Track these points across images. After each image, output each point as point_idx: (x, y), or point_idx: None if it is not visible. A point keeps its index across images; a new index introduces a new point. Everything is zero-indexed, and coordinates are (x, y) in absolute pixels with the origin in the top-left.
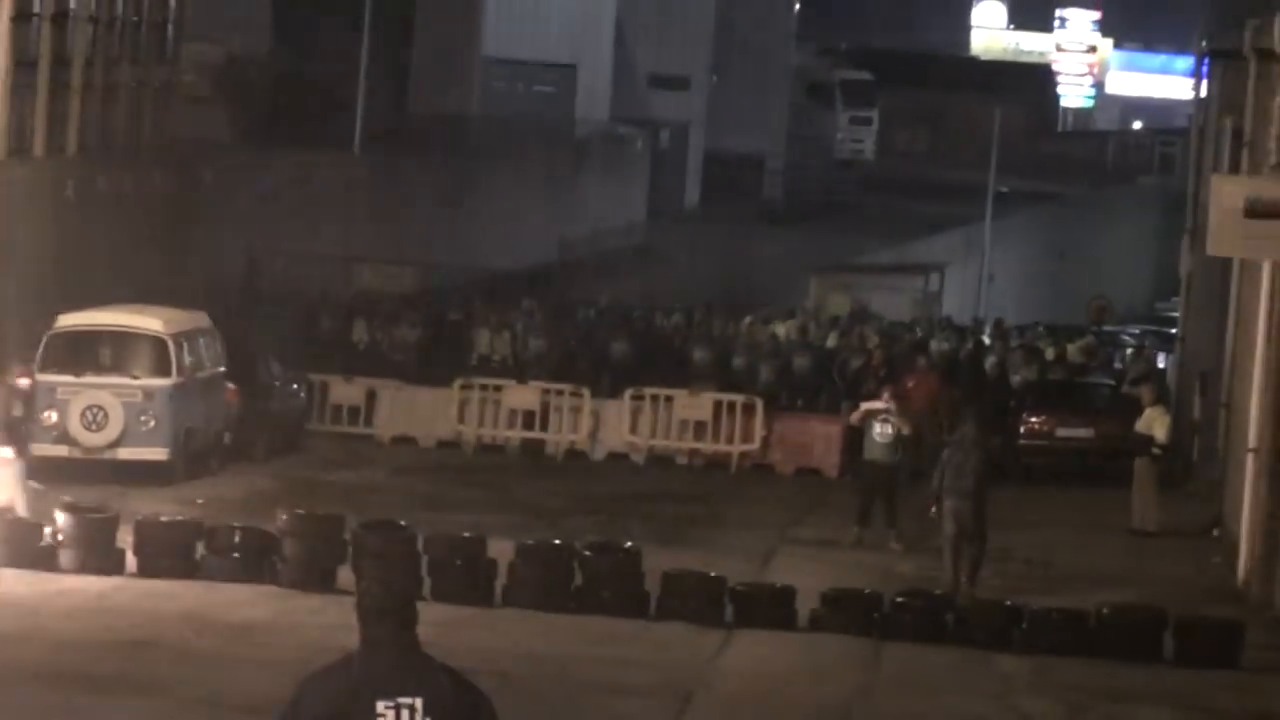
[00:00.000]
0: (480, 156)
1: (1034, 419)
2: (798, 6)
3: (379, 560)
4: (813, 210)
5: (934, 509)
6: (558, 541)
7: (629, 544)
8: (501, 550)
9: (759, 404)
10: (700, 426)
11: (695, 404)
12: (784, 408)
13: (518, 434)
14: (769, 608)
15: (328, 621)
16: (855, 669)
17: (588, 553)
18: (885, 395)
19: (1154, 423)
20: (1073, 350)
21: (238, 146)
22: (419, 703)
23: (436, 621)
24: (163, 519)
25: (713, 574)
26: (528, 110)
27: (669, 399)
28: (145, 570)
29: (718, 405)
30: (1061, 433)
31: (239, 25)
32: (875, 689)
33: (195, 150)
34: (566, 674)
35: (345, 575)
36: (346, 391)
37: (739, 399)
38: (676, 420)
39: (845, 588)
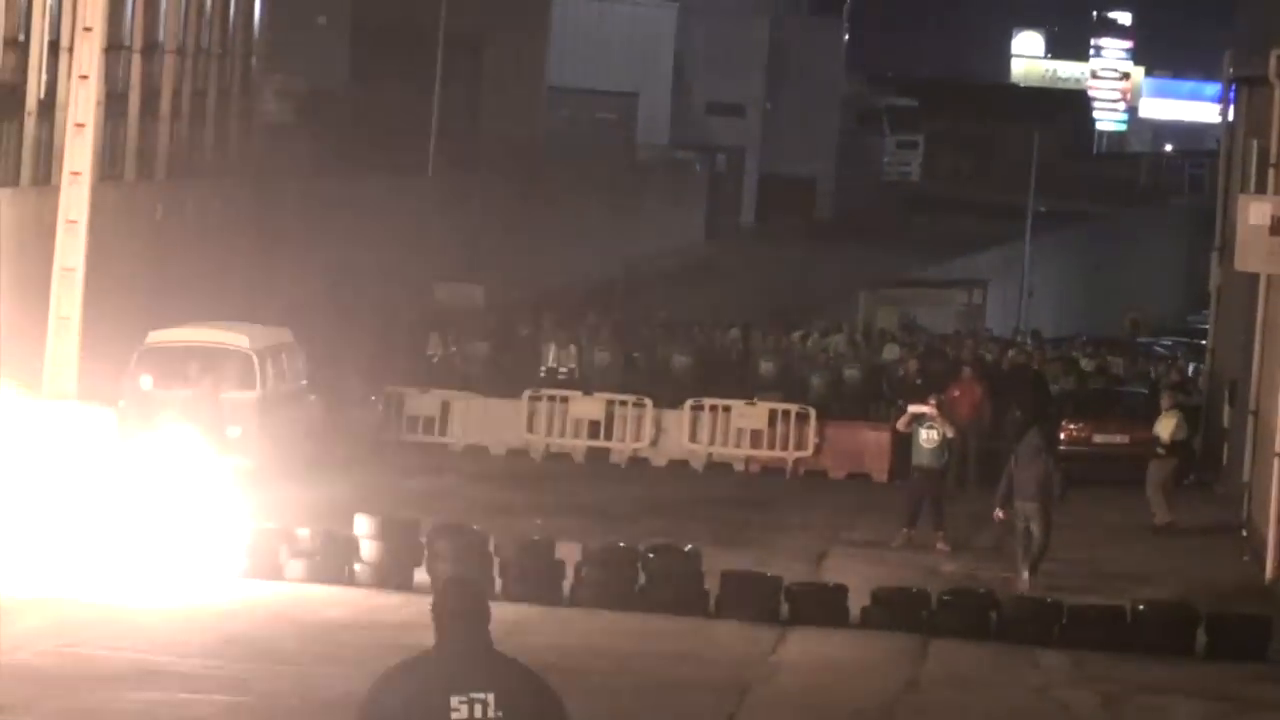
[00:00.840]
0: (547, 180)
1: (1073, 426)
2: (847, 37)
3: (453, 562)
4: (861, 230)
5: (1000, 513)
6: (622, 544)
7: (689, 546)
8: (569, 552)
9: (812, 413)
10: (756, 434)
11: (752, 413)
12: (835, 416)
13: (584, 442)
14: (822, 606)
15: (404, 620)
16: (903, 664)
17: (650, 554)
18: (931, 401)
19: (1162, 425)
20: (1112, 361)
21: (318, 172)
22: (491, 698)
23: (507, 620)
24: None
25: (769, 574)
26: (592, 136)
27: (727, 408)
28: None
29: (772, 414)
30: (1098, 439)
31: (319, 57)
32: (921, 683)
33: (278, 175)
34: (630, 669)
35: (421, 576)
36: (422, 403)
37: (793, 408)
38: (734, 428)
39: (894, 586)
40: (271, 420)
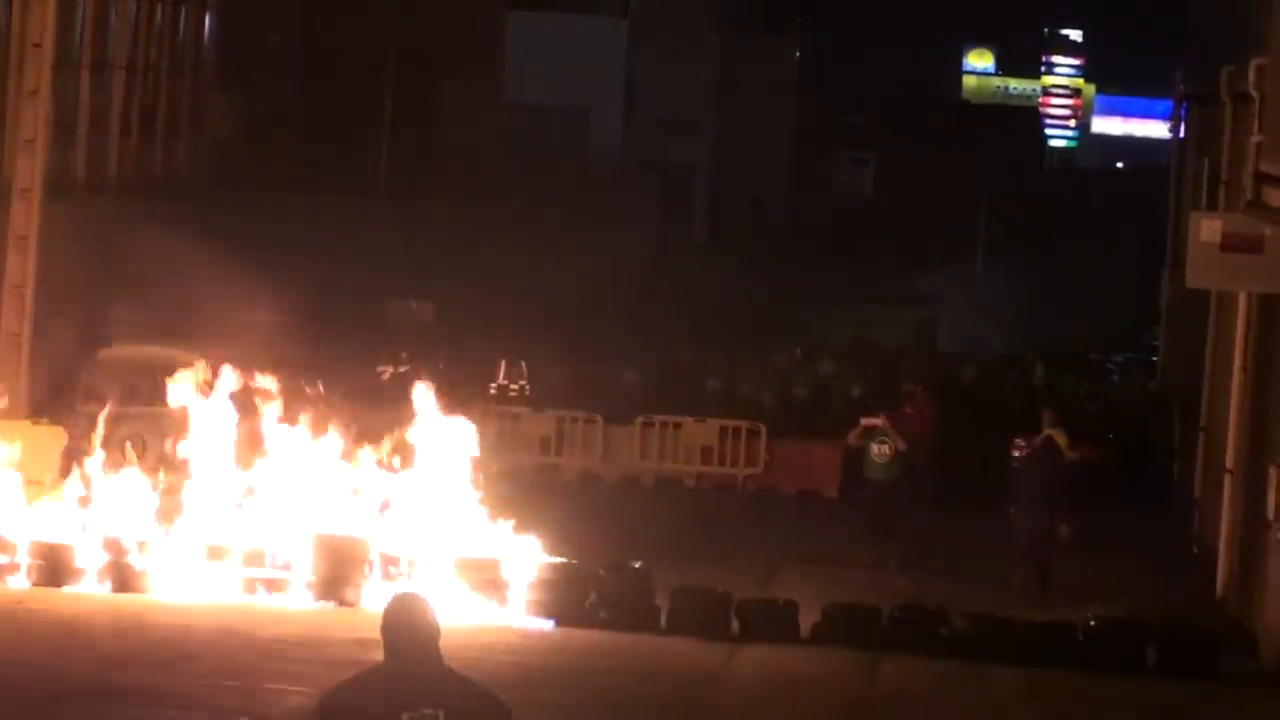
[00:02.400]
0: (498, 197)
1: (1020, 440)
2: (799, 54)
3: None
4: (814, 247)
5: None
6: (573, 560)
7: (639, 563)
8: (518, 570)
9: (763, 429)
10: (707, 451)
11: (702, 430)
12: (785, 433)
13: (535, 458)
14: (772, 622)
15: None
16: (854, 681)
17: (601, 571)
18: (881, 415)
19: None
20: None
21: (268, 188)
22: (441, 714)
23: (460, 636)
24: None
25: (719, 590)
26: (545, 153)
27: (677, 425)
28: None
29: (723, 430)
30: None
31: (271, 75)
32: (873, 700)
33: (229, 192)
34: (581, 686)
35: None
36: (371, 421)
37: (744, 424)
38: (684, 445)
39: (845, 603)
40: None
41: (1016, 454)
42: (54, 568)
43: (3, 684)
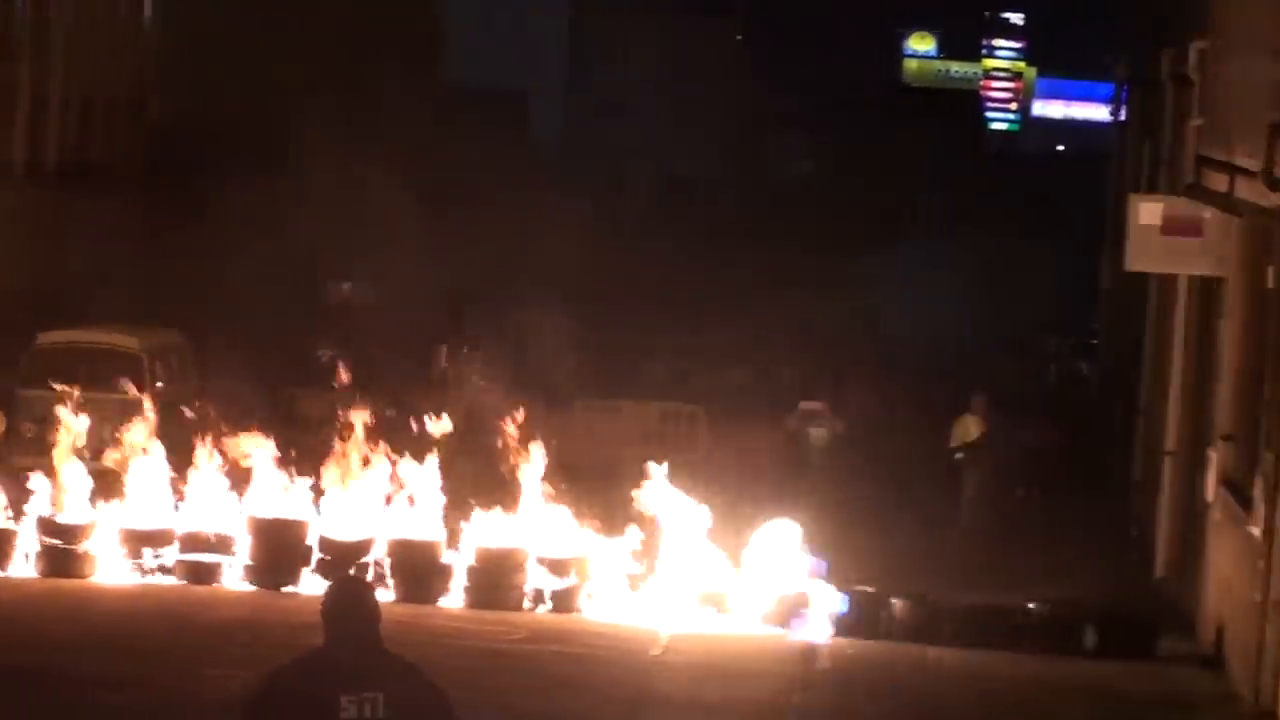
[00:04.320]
0: (436, 181)
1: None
2: (740, 37)
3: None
4: (754, 231)
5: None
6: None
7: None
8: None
9: (702, 413)
10: (646, 435)
11: (642, 413)
12: (725, 417)
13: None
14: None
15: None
16: (793, 663)
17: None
18: (821, 401)
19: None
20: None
21: (207, 172)
22: (381, 697)
23: (396, 619)
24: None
25: None
26: (484, 136)
27: (617, 409)
28: None
29: (664, 414)
30: None
31: (207, 58)
32: (808, 683)
33: (168, 177)
34: (518, 669)
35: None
36: (313, 404)
37: (685, 409)
38: (623, 429)
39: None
40: (161, 422)
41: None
42: None
43: None
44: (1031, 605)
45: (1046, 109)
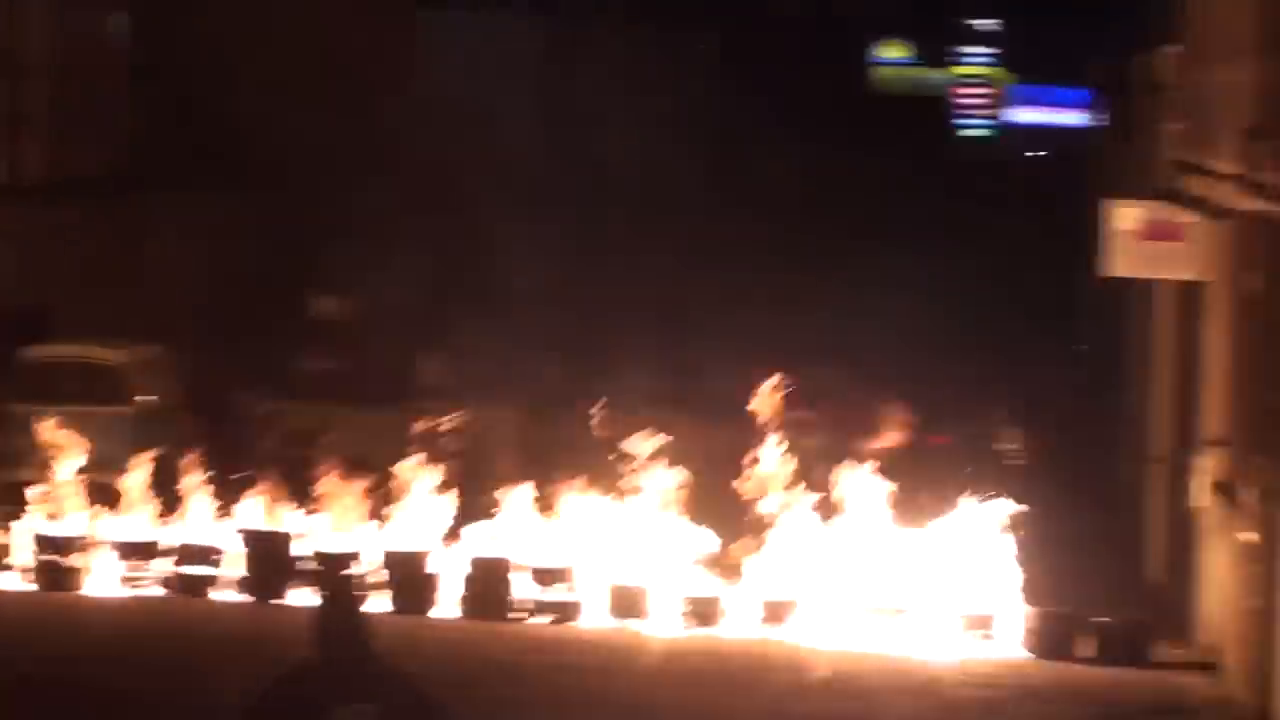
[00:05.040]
0: (417, 195)
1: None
2: (708, 46)
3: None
4: (725, 244)
5: None
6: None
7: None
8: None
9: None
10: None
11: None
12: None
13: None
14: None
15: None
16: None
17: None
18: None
19: None
20: None
21: (185, 184)
22: (374, 710)
23: (387, 630)
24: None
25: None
26: (458, 151)
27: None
28: None
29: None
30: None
31: (183, 73)
32: (806, 686)
33: (148, 188)
34: (519, 679)
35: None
36: (301, 417)
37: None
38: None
39: None
40: (144, 436)
41: None
42: None
43: None
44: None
45: (1023, 115)
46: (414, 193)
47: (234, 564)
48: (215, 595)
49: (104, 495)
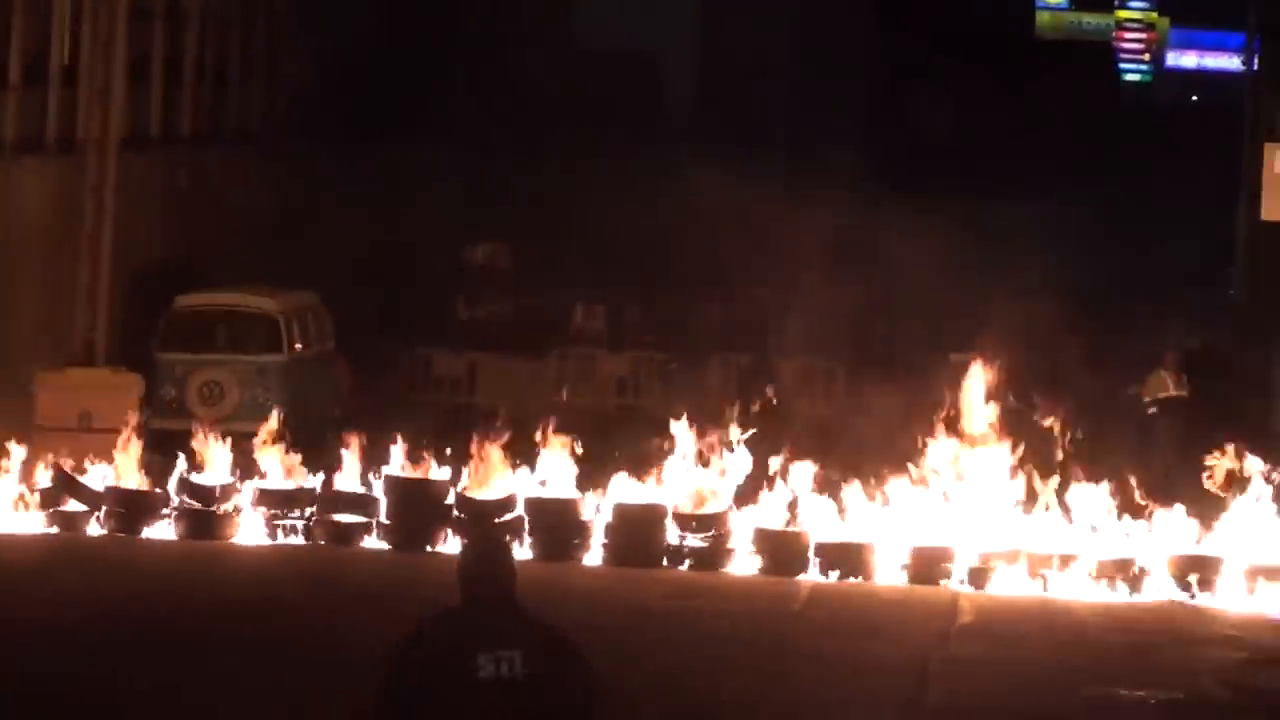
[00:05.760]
0: (568, 143)
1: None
2: None
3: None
4: (889, 185)
5: None
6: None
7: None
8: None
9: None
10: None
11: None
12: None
13: (613, 399)
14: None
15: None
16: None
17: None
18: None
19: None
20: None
21: (341, 136)
22: (518, 655)
23: (533, 578)
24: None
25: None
26: (618, 100)
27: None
28: None
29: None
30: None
31: (339, 24)
32: (950, 635)
33: (302, 139)
34: (664, 628)
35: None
36: (450, 364)
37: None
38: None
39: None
40: (297, 383)
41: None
42: (132, 514)
43: (83, 629)
44: None
45: (1180, 59)
46: (571, 142)
47: (383, 512)
48: (364, 544)
49: (254, 444)
